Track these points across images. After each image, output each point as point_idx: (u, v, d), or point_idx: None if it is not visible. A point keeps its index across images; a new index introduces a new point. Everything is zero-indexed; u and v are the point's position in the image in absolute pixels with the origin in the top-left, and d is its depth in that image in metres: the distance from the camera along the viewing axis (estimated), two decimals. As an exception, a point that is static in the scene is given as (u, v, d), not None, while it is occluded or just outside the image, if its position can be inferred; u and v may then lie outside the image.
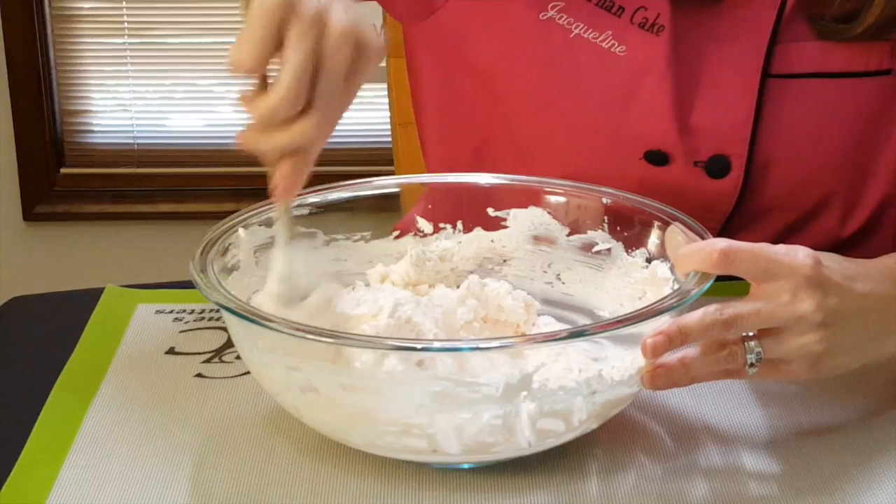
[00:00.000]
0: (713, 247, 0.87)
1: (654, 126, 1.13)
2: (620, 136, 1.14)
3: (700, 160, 1.14)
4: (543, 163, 1.17)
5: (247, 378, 0.97)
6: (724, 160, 1.14)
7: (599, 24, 1.13)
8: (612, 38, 1.13)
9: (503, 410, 0.81)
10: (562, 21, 1.14)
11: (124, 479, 0.86)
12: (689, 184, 1.14)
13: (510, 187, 1.05)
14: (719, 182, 1.15)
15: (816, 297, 0.85)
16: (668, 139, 1.13)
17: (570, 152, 1.17)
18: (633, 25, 1.13)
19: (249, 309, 0.84)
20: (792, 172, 1.16)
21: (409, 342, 0.86)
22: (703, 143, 1.14)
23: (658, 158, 1.14)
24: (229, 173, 2.69)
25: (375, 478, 0.86)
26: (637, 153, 1.14)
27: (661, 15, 1.12)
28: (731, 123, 1.13)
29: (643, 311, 0.84)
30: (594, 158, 1.16)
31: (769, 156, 1.15)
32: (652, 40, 1.12)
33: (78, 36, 2.67)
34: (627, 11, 1.13)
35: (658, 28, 1.12)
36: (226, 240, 0.94)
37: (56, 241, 2.74)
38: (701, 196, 1.15)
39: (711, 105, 1.14)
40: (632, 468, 0.88)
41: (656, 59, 1.12)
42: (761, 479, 0.87)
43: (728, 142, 1.14)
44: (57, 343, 1.03)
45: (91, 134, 2.73)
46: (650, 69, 1.13)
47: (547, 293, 1.03)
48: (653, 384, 0.85)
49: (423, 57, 1.26)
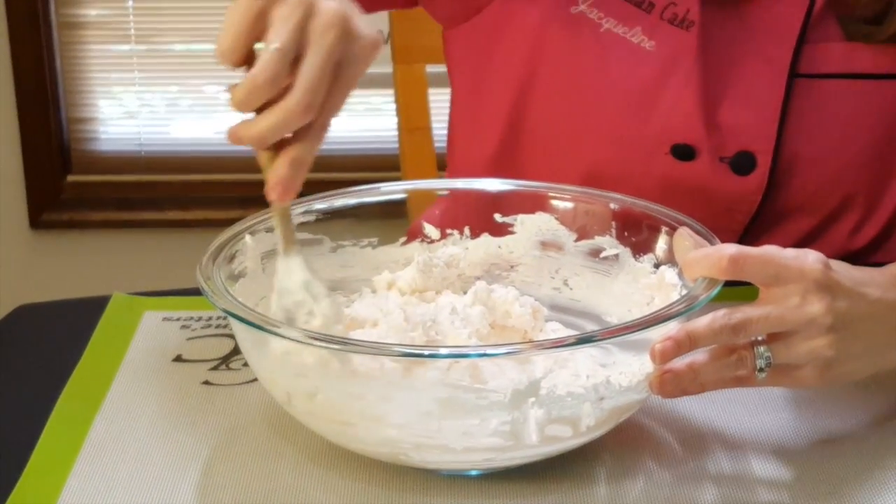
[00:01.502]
0: (722, 252, 0.86)
1: (681, 120, 1.14)
2: (648, 129, 1.15)
3: (726, 156, 1.15)
4: (568, 158, 1.17)
5: (254, 385, 0.97)
6: (749, 157, 1.15)
7: (629, 20, 1.14)
8: (641, 33, 1.14)
9: (511, 417, 0.81)
10: (592, 16, 1.15)
11: (132, 485, 0.86)
12: (713, 180, 1.15)
13: (517, 193, 1.04)
14: (744, 179, 1.15)
15: (826, 300, 0.85)
16: (695, 133, 1.14)
17: (596, 147, 1.17)
18: (662, 21, 1.13)
19: (256, 316, 0.84)
20: (816, 171, 1.16)
21: (416, 349, 0.86)
22: (730, 138, 1.14)
23: (684, 153, 1.14)
24: (236, 180, 2.69)
25: (383, 485, 0.86)
26: (664, 147, 1.15)
27: (691, 11, 1.13)
28: (757, 120, 1.14)
29: (651, 316, 0.84)
30: (620, 153, 1.16)
31: (794, 154, 1.15)
32: (681, 36, 1.13)
33: (84, 43, 2.67)
34: (657, 7, 1.14)
35: (688, 24, 1.13)
36: (233, 247, 0.94)
37: (63, 248, 2.74)
38: (725, 193, 1.15)
39: (739, 101, 1.14)
40: (640, 474, 0.88)
41: (685, 54, 1.13)
42: (771, 485, 0.87)
43: (754, 139, 1.14)
44: (64, 351, 1.02)
45: (98, 141, 2.72)
46: (679, 64, 1.13)
47: (554, 299, 1.03)
48: (661, 390, 0.85)
49: (459, 59, 1.27)
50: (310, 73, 0.81)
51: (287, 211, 0.88)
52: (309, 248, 1.00)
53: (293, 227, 0.90)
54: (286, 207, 0.88)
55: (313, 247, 1.01)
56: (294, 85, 0.81)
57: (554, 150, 1.19)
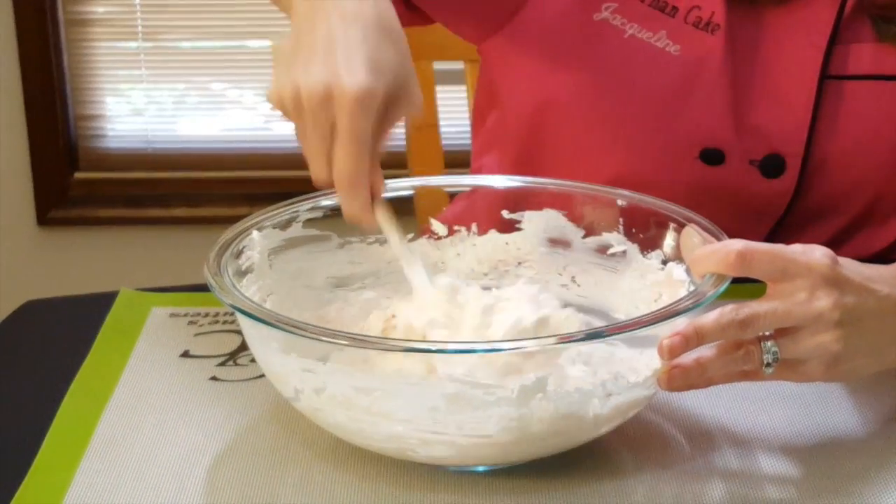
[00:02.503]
0: (729, 248, 0.86)
1: (710, 124, 1.14)
2: (676, 135, 1.15)
3: (755, 159, 1.15)
4: (593, 167, 1.16)
5: (261, 381, 0.97)
6: (779, 159, 1.14)
7: (653, 24, 1.14)
8: (666, 37, 1.14)
9: (518, 412, 0.81)
10: (616, 22, 1.14)
11: (139, 482, 0.86)
12: (743, 184, 1.15)
13: (525, 190, 1.04)
14: (774, 182, 1.15)
15: (833, 295, 0.85)
16: (724, 137, 1.14)
17: (623, 155, 1.17)
18: (687, 25, 1.13)
19: (263, 311, 0.84)
20: (845, 174, 1.16)
21: (424, 344, 0.86)
22: (759, 141, 1.14)
23: (714, 157, 1.14)
24: (243, 177, 2.69)
25: (390, 481, 0.86)
26: (693, 152, 1.15)
27: (716, 14, 1.13)
28: (787, 123, 1.14)
29: (659, 312, 0.84)
30: (647, 160, 1.16)
31: (824, 156, 1.15)
32: (706, 39, 1.13)
33: (91, 40, 2.67)
34: (681, 11, 1.13)
35: (713, 27, 1.12)
36: (240, 242, 0.94)
37: (70, 245, 2.74)
38: (755, 196, 1.15)
39: (768, 104, 1.14)
40: (647, 470, 0.88)
41: (711, 57, 1.13)
42: (779, 482, 0.87)
43: (784, 141, 1.14)
44: (71, 347, 1.03)
45: (105, 138, 2.73)
46: (705, 68, 1.13)
47: (562, 295, 1.02)
48: (669, 385, 0.85)
49: (503, 66, 1.26)
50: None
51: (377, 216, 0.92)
52: (316, 245, 1.00)
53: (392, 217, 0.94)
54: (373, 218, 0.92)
55: (321, 243, 1.01)
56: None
57: (578, 159, 1.18)
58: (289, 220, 0.98)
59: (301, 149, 0.89)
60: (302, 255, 0.99)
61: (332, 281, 1.01)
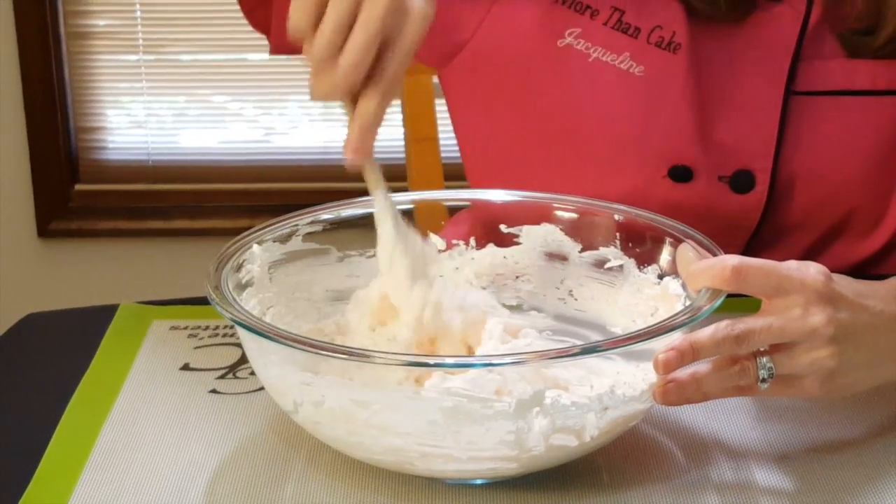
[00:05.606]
0: (725, 263, 0.87)
1: (676, 142, 1.14)
2: (644, 154, 1.15)
3: (724, 175, 1.15)
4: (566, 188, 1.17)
5: (261, 394, 0.97)
6: (748, 175, 1.15)
7: (617, 47, 1.14)
8: (630, 59, 1.14)
9: (516, 426, 0.82)
10: (580, 47, 1.15)
11: (139, 494, 0.86)
12: (713, 200, 1.15)
13: (522, 204, 1.05)
14: (743, 197, 1.16)
15: (828, 311, 0.85)
16: (692, 154, 1.14)
17: (594, 176, 1.17)
18: (649, 45, 1.14)
19: (263, 325, 0.84)
20: (816, 188, 1.17)
21: (422, 358, 0.86)
22: (728, 158, 1.15)
23: (682, 174, 1.14)
24: (244, 190, 2.70)
25: (388, 494, 0.87)
26: (661, 170, 1.15)
27: (678, 33, 1.13)
28: (755, 139, 1.14)
29: (655, 327, 0.84)
30: (617, 180, 1.16)
31: (794, 172, 1.15)
32: (669, 59, 1.13)
33: (93, 53, 2.68)
34: (644, 32, 1.13)
35: (675, 46, 1.13)
36: (240, 256, 0.95)
37: (71, 257, 2.75)
38: (725, 213, 1.16)
39: (735, 121, 1.15)
40: (643, 483, 0.88)
41: (675, 77, 1.13)
42: (773, 495, 0.87)
43: (752, 157, 1.15)
44: (72, 359, 1.03)
45: (106, 150, 2.73)
46: (669, 87, 1.14)
47: (559, 309, 1.03)
48: (665, 400, 0.85)
49: (454, 95, 1.27)
50: (356, 34, 0.85)
51: (367, 161, 0.92)
52: (316, 258, 1.01)
53: (378, 171, 0.93)
54: (365, 159, 0.91)
55: (320, 257, 1.01)
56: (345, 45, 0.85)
57: (552, 180, 1.19)
58: (289, 234, 0.99)
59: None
60: (302, 269, 1.00)
61: (332, 294, 1.01)
